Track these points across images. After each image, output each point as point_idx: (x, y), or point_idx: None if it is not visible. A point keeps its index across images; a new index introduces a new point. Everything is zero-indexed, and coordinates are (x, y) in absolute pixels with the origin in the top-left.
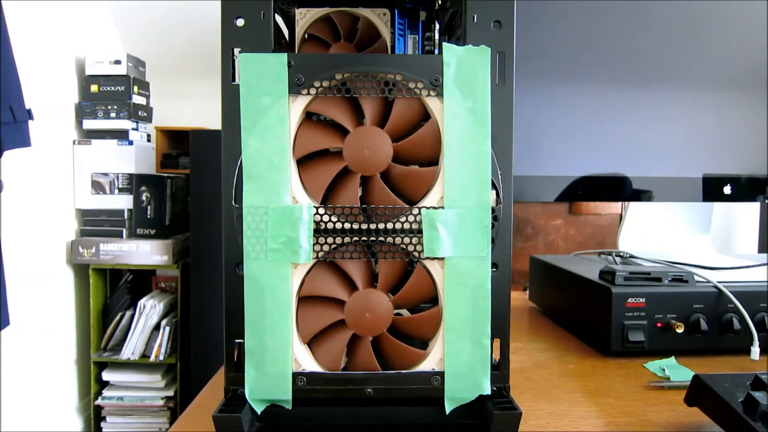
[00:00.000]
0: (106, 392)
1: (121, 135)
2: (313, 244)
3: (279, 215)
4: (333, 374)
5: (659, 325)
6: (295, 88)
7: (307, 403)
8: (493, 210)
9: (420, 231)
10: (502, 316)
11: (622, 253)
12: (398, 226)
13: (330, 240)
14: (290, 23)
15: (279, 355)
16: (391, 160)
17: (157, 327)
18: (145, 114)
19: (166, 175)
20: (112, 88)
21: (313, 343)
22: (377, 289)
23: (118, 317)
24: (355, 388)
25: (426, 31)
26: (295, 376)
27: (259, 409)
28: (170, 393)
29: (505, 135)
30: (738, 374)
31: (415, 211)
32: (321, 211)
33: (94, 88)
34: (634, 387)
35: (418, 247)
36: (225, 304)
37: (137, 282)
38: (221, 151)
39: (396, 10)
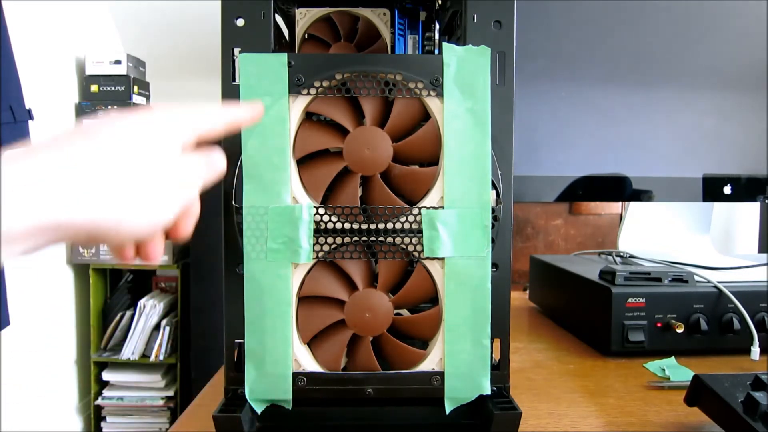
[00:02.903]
0: (106, 392)
1: None
2: (313, 244)
3: (279, 215)
4: (333, 374)
5: (659, 325)
6: (295, 88)
7: (307, 403)
8: (493, 210)
9: (420, 231)
10: (502, 316)
11: (622, 253)
12: (398, 226)
13: (330, 240)
14: (290, 23)
15: (279, 355)
16: (391, 160)
17: (157, 327)
18: None
19: None
20: (112, 88)
21: (313, 343)
22: (377, 289)
23: (118, 317)
24: (355, 388)
25: (426, 31)
26: (295, 376)
27: (259, 409)
28: (170, 393)
29: (505, 135)
30: (738, 374)
31: (415, 211)
32: (321, 211)
33: (94, 88)
34: (634, 387)
35: (418, 247)
36: (225, 304)
37: (137, 282)
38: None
39: (396, 10)
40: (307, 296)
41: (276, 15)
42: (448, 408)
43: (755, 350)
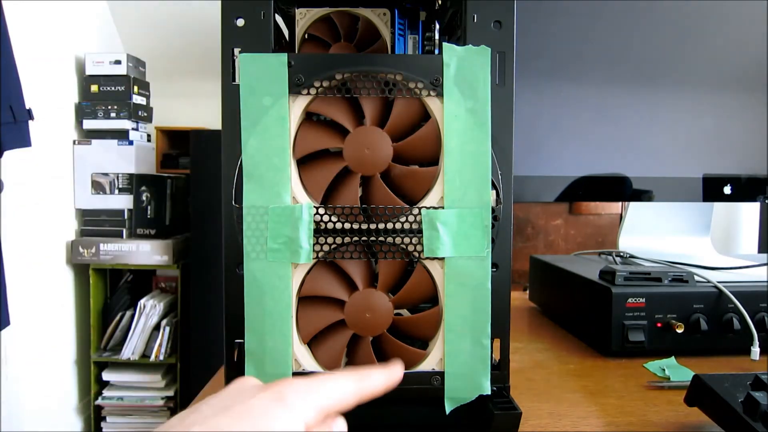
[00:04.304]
0: (106, 392)
1: (121, 135)
2: (313, 244)
3: (279, 215)
4: None
5: (659, 325)
6: (295, 88)
7: None
8: (493, 210)
9: (420, 231)
10: (502, 316)
11: (622, 253)
12: (398, 226)
13: (330, 240)
14: (290, 23)
15: (279, 355)
16: (391, 160)
17: (157, 327)
18: (145, 114)
19: (166, 175)
20: (112, 88)
21: (313, 343)
22: (377, 289)
23: (118, 317)
24: None
25: (426, 31)
26: (295, 376)
27: None
28: (170, 393)
29: (505, 135)
30: (738, 374)
31: (415, 211)
32: (321, 211)
33: (94, 88)
34: (634, 387)
35: (418, 247)
36: (225, 304)
37: (137, 282)
38: (221, 151)
39: (396, 10)
40: (307, 296)
41: (276, 15)
42: (448, 408)
43: (755, 350)
